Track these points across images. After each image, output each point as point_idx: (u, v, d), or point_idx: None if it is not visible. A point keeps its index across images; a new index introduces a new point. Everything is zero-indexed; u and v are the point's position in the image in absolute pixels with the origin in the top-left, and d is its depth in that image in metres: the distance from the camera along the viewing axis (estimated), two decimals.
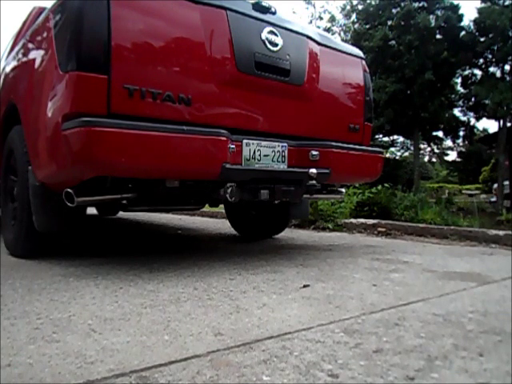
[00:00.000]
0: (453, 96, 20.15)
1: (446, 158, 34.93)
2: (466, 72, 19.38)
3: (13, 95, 2.53)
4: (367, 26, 20.11)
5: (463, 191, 22.34)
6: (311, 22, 21.46)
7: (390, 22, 19.30)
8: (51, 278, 1.86)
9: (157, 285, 1.75)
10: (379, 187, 5.04)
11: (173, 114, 1.94)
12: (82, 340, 1.12)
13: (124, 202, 2.14)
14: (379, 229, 3.80)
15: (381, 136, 22.72)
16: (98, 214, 5.39)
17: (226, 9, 2.12)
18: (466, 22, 18.40)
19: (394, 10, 19.26)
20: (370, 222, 3.97)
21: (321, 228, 4.13)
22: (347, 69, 2.73)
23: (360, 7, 20.90)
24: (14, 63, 2.70)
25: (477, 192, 22.02)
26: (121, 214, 5.16)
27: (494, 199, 16.46)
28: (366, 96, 2.78)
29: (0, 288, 1.68)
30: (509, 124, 17.49)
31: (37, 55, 2.23)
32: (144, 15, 1.90)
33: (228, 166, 2.00)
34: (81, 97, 1.77)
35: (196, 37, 2.03)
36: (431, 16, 18.34)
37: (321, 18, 22.58)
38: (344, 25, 22.34)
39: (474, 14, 17.57)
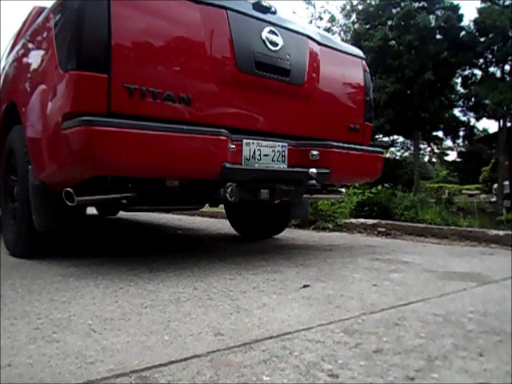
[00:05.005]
0: (453, 96, 20.14)
1: (446, 158, 34.97)
2: (466, 72, 19.38)
3: (13, 95, 2.53)
4: (367, 26, 20.08)
5: (463, 191, 22.31)
6: (311, 22, 21.44)
7: (390, 22, 19.28)
8: (51, 278, 1.86)
9: (157, 285, 1.75)
10: (379, 187, 5.05)
11: (173, 114, 1.94)
12: (82, 340, 1.12)
13: (124, 201, 2.14)
14: (379, 229, 3.80)
15: (381, 136, 22.70)
16: (98, 214, 5.41)
17: (226, 8, 2.12)
18: (466, 22, 18.43)
19: (394, 10, 19.23)
20: (370, 222, 3.97)
21: (321, 228, 4.12)
22: (347, 69, 2.73)
23: (360, 7, 20.88)
24: (14, 63, 2.70)
25: (477, 192, 22.00)
26: (121, 213, 5.17)
27: (493, 199, 16.46)
28: (366, 96, 2.78)
29: (0, 288, 1.68)
30: (509, 124, 17.50)
31: (37, 55, 2.23)
32: (144, 14, 1.90)
33: (228, 165, 2.00)
34: (81, 96, 1.77)
35: (196, 36, 2.03)
36: (431, 16, 18.32)
37: (321, 18, 22.58)
38: (344, 25, 22.33)
39: (474, 14, 17.60)
